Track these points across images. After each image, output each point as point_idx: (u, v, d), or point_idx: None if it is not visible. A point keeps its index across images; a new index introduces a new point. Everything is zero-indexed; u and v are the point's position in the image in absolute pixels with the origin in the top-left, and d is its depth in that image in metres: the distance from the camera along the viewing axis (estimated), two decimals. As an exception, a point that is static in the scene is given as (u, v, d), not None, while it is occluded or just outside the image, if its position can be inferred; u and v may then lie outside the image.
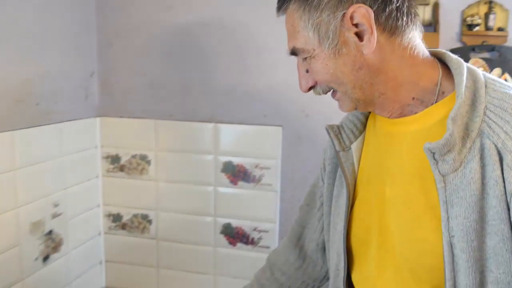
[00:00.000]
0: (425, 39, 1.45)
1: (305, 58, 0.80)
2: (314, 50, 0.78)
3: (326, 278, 1.14)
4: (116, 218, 1.73)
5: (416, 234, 0.77)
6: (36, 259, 1.41)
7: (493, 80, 0.77)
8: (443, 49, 1.42)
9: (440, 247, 0.72)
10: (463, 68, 0.76)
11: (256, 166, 1.56)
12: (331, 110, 0.98)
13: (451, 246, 0.71)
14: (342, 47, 0.76)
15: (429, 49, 0.83)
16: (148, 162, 1.66)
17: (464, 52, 1.43)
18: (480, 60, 1.44)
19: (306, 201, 1.10)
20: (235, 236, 1.62)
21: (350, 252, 0.93)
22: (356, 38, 0.75)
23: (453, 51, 1.41)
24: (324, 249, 1.08)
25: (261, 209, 1.58)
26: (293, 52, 0.82)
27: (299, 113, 1.52)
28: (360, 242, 0.89)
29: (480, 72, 0.78)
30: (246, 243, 1.61)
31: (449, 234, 0.71)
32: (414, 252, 0.77)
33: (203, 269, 1.67)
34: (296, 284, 1.16)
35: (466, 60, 1.45)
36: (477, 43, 1.43)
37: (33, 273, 1.40)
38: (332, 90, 0.82)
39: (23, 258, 1.35)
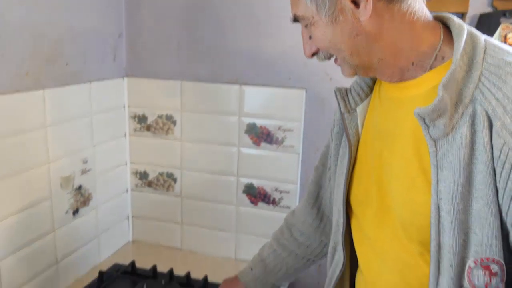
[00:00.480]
0: (455, 3, 1.43)
1: (306, 25, 0.82)
2: (313, 17, 0.79)
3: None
4: (142, 176, 1.79)
5: (409, 195, 0.79)
6: (67, 212, 1.48)
7: (494, 46, 0.76)
8: (473, 13, 1.41)
9: (429, 209, 0.75)
10: (463, 33, 0.76)
11: (279, 128, 1.59)
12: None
13: (438, 208, 0.74)
14: (339, 14, 0.76)
15: (434, 14, 0.82)
16: (174, 122, 1.70)
17: (495, 17, 1.40)
18: (511, 26, 1.41)
19: (321, 161, 1.13)
20: (257, 195, 1.66)
21: (350, 211, 0.96)
22: (352, 6, 0.75)
23: (484, 16, 1.40)
24: None
25: (283, 170, 1.62)
26: (295, 19, 0.83)
27: (323, 77, 1.53)
28: (360, 202, 0.93)
29: (483, 38, 0.78)
30: (268, 202, 1.66)
31: (437, 197, 0.74)
32: (407, 212, 0.80)
33: (225, 227, 1.73)
34: (314, 244, 1.20)
35: (497, 25, 1.43)
36: (508, 7, 1.40)
37: (63, 225, 1.47)
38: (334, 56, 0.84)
39: (55, 211, 1.42)
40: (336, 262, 1.00)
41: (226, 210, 1.71)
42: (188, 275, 1.55)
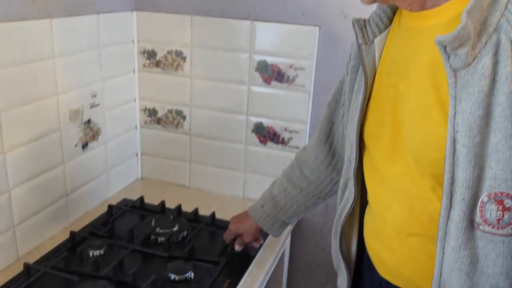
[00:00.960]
0: None
1: None
2: None
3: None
4: (151, 112, 1.78)
5: (424, 128, 0.77)
6: (76, 145, 1.48)
7: None
8: None
9: (444, 142, 0.73)
10: None
11: (291, 67, 1.55)
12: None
13: (454, 141, 0.72)
14: None
15: None
16: (184, 59, 1.67)
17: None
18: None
19: (334, 97, 1.11)
20: (266, 135, 1.65)
21: (363, 146, 0.95)
22: None
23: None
24: None
25: (293, 109, 1.59)
26: None
27: (338, 14, 1.48)
28: (373, 136, 0.91)
29: None
30: (277, 142, 1.65)
31: (454, 129, 0.71)
32: (421, 145, 0.79)
33: (234, 166, 1.73)
34: (325, 182, 1.20)
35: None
36: None
37: (73, 159, 1.47)
38: None
39: (64, 143, 1.42)
40: (347, 198, 0.99)
41: (235, 149, 1.71)
42: (196, 211, 1.57)
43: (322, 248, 1.76)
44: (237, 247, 1.36)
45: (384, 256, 0.91)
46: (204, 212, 1.58)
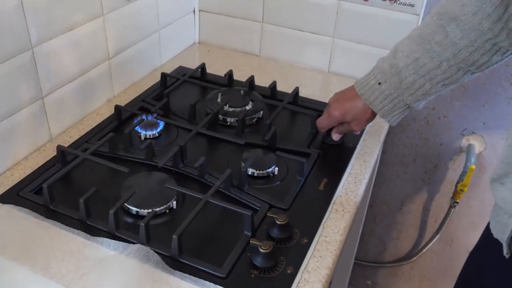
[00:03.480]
0: None
1: None
2: None
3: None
4: (213, -45, 1.36)
5: None
6: (119, -8, 1.11)
7: None
8: None
9: None
10: None
11: None
12: None
13: None
14: None
15: None
16: None
17: None
18: None
19: None
20: (369, -13, 1.23)
21: None
22: None
23: None
24: None
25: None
26: None
27: None
28: None
29: None
30: (384, -3, 1.23)
31: None
32: None
33: (320, 29, 1.33)
34: (483, 48, 0.80)
35: None
36: None
37: (115, 9, 1.11)
38: None
39: (103, -12, 1.05)
40: None
41: (323, 6, 1.29)
42: (274, 85, 1.21)
43: (425, 139, 1.41)
44: (336, 137, 1.02)
45: None
46: (281, 87, 1.23)
